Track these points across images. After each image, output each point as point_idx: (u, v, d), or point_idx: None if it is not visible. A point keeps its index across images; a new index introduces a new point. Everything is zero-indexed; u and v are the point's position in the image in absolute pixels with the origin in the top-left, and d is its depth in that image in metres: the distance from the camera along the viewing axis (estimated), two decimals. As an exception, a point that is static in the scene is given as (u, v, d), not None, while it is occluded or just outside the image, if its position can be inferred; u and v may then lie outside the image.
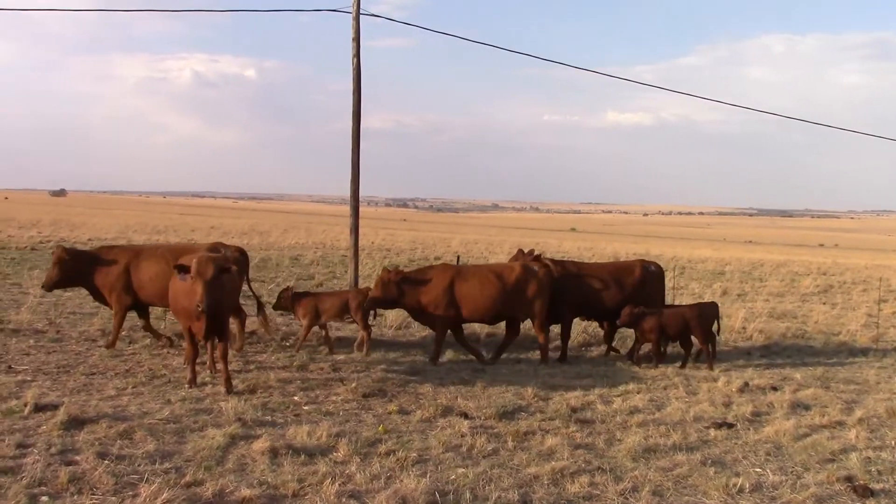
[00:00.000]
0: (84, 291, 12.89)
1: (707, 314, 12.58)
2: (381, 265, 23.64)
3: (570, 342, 13.23)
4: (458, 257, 14.22)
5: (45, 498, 5.85)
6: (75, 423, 7.67)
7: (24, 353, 10.94)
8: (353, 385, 9.83)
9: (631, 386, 10.73)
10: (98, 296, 12.06)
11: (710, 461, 7.62)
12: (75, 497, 5.91)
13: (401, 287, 12.04)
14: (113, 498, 5.93)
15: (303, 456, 7.09)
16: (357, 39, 17.73)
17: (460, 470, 6.98)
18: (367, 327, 12.25)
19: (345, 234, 42.65)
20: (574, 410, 9.27)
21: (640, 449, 7.81)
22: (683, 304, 15.64)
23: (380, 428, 8.10)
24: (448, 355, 12.26)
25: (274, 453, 7.10)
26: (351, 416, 8.68)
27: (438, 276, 12.22)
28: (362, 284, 16.13)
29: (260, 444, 7.23)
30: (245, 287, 12.58)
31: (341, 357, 11.87)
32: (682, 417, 9.21)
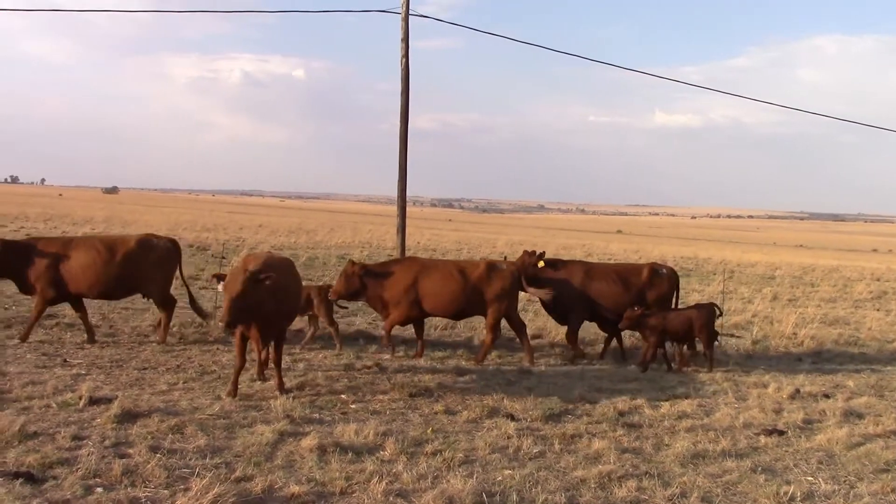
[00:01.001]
0: None
1: (710, 316, 12.40)
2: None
3: (608, 346, 13.20)
4: (505, 257, 14.24)
5: (99, 489, 5.97)
6: (128, 416, 7.83)
7: (78, 348, 11.17)
8: (400, 384, 9.88)
9: (679, 391, 10.62)
10: (25, 287, 11.80)
11: (760, 468, 7.51)
12: (128, 489, 6.01)
13: (363, 280, 12.10)
14: (165, 491, 6.02)
15: (350, 454, 7.14)
16: (406, 40, 17.81)
17: (507, 471, 6.97)
18: (332, 323, 12.41)
19: (391, 234, 42.88)
20: (621, 414, 9.21)
21: (688, 454, 7.74)
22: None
23: (429, 430, 8.12)
24: (493, 356, 12.26)
25: (322, 451, 7.16)
26: (398, 415, 8.72)
27: (401, 270, 12.27)
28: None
29: (308, 442, 7.30)
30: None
31: (387, 356, 11.94)
32: (731, 423, 9.09)
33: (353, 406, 8.98)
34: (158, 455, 6.74)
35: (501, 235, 65.13)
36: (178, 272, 12.71)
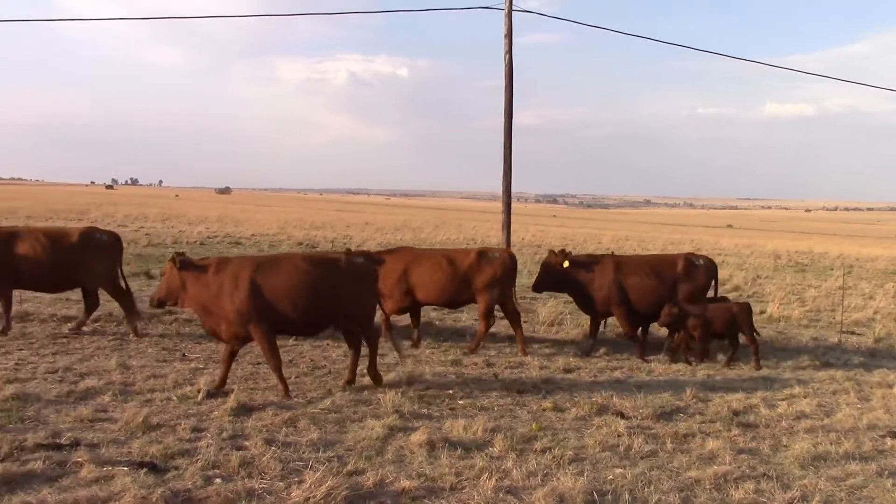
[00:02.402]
0: None
1: (748, 313, 12.00)
2: (532, 262, 23.63)
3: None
4: (612, 252, 14.09)
5: (218, 480, 6.16)
6: (244, 409, 8.07)
7: (196, 342, 11.56)
8: (508, 381, 9.85)
9: (797, 389, 10.25)
10: None
11: (886, 472, 7.17)
12: (245, 481, 6.17)
13: None
14: (280, 483, 6.16)
15: (459, 450, 7.16)
16: (509, 36, 17.77)
17: (618, 470, 6.86)
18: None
19: (495, 230, 42.87)
20: (736, 413, 8.94)
21: (808, 456, 7.45)
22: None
23: (533, 426, 8.07)
24: (602, 352, 12.11)
25: (431, 446, 7.19)
26: (506, 411, 8.70)
27: (393, 260, 12.35)
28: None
29: (417, 437, 7.35)
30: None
31: (493, 352, 11.94)
32: (853, 425, 8.71)
33: (461, 402, 9.00)
34: (273, 448, 6.91)
35: (607, 231, 64.34)
36: (119, 267, 12.57)
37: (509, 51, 17.72)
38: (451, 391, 9.43)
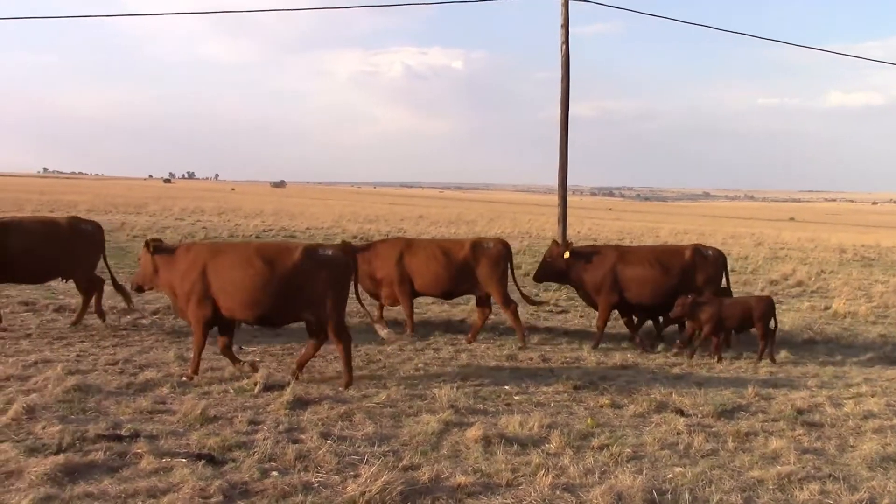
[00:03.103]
0: None
1: (769, 307, 11.68)
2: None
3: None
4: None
5: (275, 473, 6.22)
6: (300, 403, 8.15)
7: (252, 336, 11.69)
8: (564, 376, 9.78)
9: (864, 388, 10.01)
10: None
11: (959, 475, 6.95)
12: (301, 474, 6.23)
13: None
14: (336, 477, 6.21)
15: (515, 446, 7.13)
16: (566, 26, 17.65)
17: (678, 469, 6.76)
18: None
19: (550, 224, 42.70)
20: (800, 412, 8.74)
21: (877, 457, 7.25)
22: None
23: (588, 421, 8.01)
24: (660, 348, 11.98)
25: (487, 441, 7.17)
26: (562, 407, 8.64)
27: (387, 250, 12.53)
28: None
29: (473, 432, 7.34)
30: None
31: (548, 347, 11.88)
32: (926, 425, 8.46)
33: (516, 397, 8.97)
34: (329, 441, 6.97)
35: (664, 224, 63.56)
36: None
37: (566, 41, 17.60)
38: (506, 386, 9.40)
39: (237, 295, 9.00)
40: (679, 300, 11.68)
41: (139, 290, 10.07)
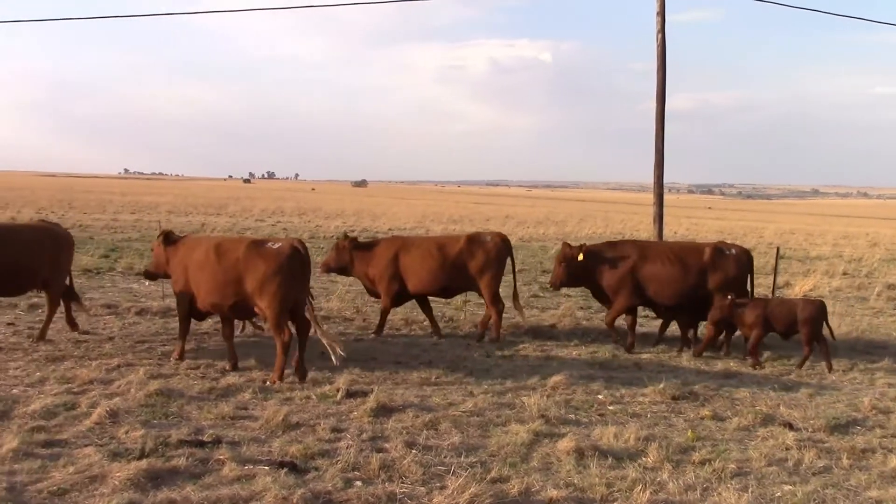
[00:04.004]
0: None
1: (818, 312, 11.25)
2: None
3: (663, 334, 12.85)
4: (777, 249, 13.59)
5: (358, 483, 6.29)
6: (384, 410, 8.22)
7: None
8: (661, 386, 9.62)
9: None
10: None
11: None
12: (386, 484, 6.28)
13: (352, 254, 12.67)
14: (422, 488, 6.24)
15: (610, 459, 7.05)
16: (662, 14, 17.39)
17: (787, 487, 6.58)
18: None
19: (644, 224, 42.15)
20: (923, 428, 8.43)
21: None
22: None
23: (689, 434, 7.87)
24: (765, 358, 11.68)
25: (580, 454, 7.11)
26: (660, 419, 8.51)
27: (384, 247, 12.68)
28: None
29: (565, 444, 7.28)
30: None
31: (645, 355, 11.72)
32: None
33: (610, 407, 8.88)
34: (414, 451, 7.01)
35: (769, 223, 62.09)
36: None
37: (662, 29, 17.34)
38: (599, 396, 9.32)
39: (197, 286, 10.11)
40: (717, 301, 11.57)
41: (150, 277, 11.49)
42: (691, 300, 12.08)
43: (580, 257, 12.47)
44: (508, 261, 12.70)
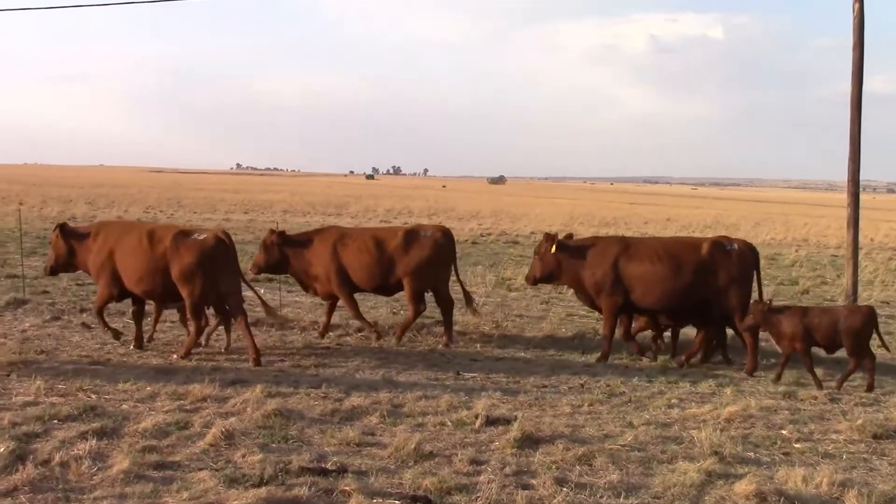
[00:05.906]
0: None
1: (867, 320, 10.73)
2: (885, 268, 22.17)
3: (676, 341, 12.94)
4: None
5: (502, 523, 6.30)
6: (529, 441, 8.20)
7: (471, 359, 11.93)
8: (860, 422, 9.25)
9: None
10: None
11: None
12: (533, 526, 6.27)
13: (283, 251, 12.79)
14: (576, 532, 6.19)
15: (798, 507, 6.84)
16: (860, -22, 16.73)
17: None
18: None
19: (833, 229, 40.80)
20: None
21: None
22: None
23: (898, 481, 7.54)
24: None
25: (761, 498, 6.92)
26: (858, 461, 8.18)
27: (320, 240, 12.71)
28: (862, 292, 15.19)
29: (743, 486, 7.09)
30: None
31: (832, 383, 11.30)
32: None
33: (797, 445, 8.60)
34: (565, 490, 6.96)
35: None
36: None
37: (859, -2, 16.69)
38: (783, 431, 9.04)
39: (127, 276, 11.66)
40: (752, 306, 11.39)
41: None
42: (686, 303, 12.06)
43: (552, 250, 12.54)
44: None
